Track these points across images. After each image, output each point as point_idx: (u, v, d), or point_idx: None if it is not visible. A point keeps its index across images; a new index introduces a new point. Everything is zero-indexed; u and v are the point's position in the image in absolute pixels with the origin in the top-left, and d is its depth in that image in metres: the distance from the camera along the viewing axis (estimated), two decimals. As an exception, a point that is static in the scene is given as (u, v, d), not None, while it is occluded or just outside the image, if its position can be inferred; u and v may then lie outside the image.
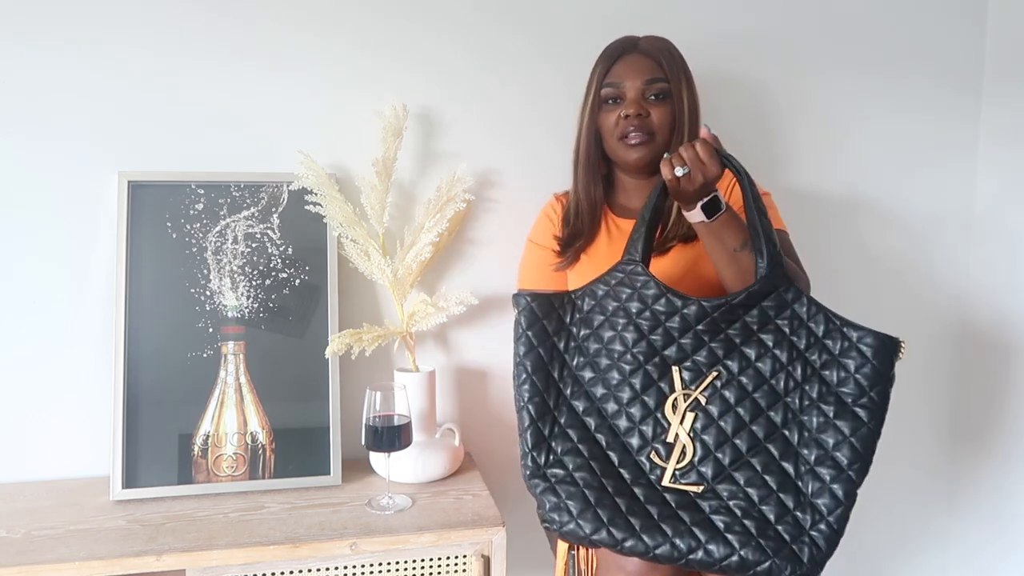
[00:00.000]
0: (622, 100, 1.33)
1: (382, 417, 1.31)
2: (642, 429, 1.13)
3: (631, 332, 1.15)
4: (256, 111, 1.50)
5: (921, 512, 1.91)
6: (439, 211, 1.46)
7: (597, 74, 1.35)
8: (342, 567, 1.23)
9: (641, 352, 1.14)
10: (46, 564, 1.14)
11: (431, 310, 1.45)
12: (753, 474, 1.10)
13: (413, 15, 1.54)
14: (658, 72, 1.32)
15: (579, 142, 1.39)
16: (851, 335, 1.11)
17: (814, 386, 1.11)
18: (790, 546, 1.07)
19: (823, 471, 1.08)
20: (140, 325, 1.41)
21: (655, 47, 1.34)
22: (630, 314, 1.15)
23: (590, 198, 1.40)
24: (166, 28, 1.46)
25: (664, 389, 1.13)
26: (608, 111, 1.34)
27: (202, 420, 1.42)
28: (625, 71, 1.33)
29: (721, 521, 1.08)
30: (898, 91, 1.75)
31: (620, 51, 1.35)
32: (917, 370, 1.85)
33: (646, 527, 1.08)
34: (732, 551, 1.07)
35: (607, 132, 1.35)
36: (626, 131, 1.32)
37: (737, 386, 1.12)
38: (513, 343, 1.17)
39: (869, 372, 1.10)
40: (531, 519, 1.61)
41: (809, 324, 1.12)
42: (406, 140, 1.52)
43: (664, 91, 1.32)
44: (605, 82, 1.34)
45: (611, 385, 1.14)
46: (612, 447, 1.13)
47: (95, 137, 1.45)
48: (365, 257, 1.47)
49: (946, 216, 1.81)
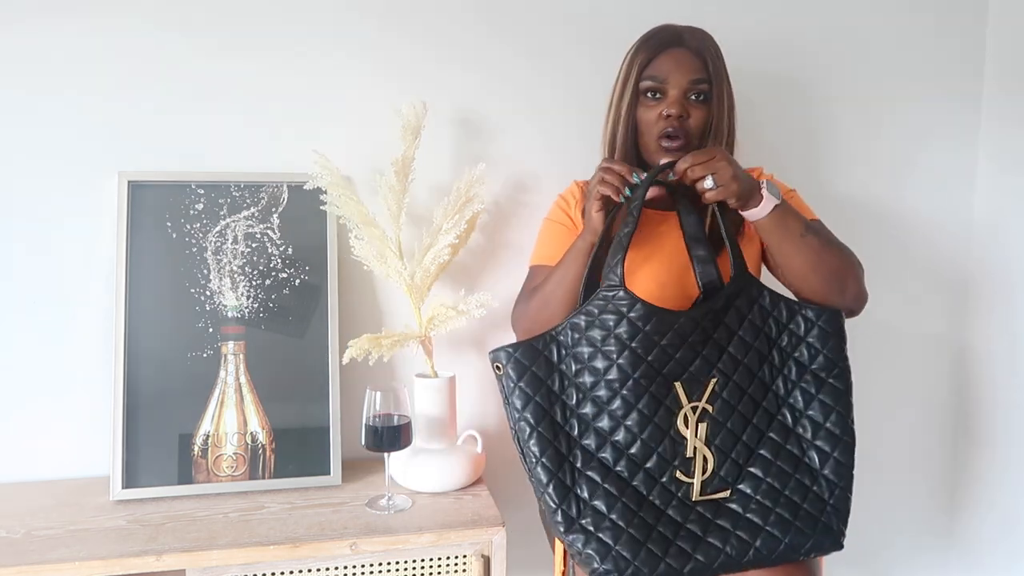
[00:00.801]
0: (663, 96, 1.29)
1: (382, 417, 1.31)
2: (659, 451, 1.12)
3: (627, 357, 1.12)
4: (257, 111, 1.50)
5: (921, 512, 1.91)
6: (457, 212, 1.43)
7: (638, 63, 1.30)
8: (342, 567, 1.23)
9: (643, 376, 1.12)
10: (46, 564, 1.14)
11: (452, 314, 1.42)
12: (768, 464, 1.15)
13: (432, 10, 1.54)
14: (703, 72, 1.29)
15: (613, 130, 1.34)
16: (808, 315, 1.20)
17: (791, 369, 1.19)
18: (820, 520, 1.15)
19: (822, 443, 1.17)
20: (140, 325, 1.41)
21: (702, 44, 1.30)
22: (622, 340, 1.13)
23: None
24: (166, 28, 1.46)
25: (671, 406, 1.13)
26: (648, 106, 1.30)
27: (202, 420, 1.42)
28: (670, 67, 1.28)
29: (758, 517, 1.13)
30: (898, 90, 1.75)
31: (665, 43, 1.30)
32: (918, 370, 1.85)
33: (697, 546, 1.10)
34: (778, 541, 1.12)
35: (645, 127, 1.31)
36: (665, 131, 1.29)
37: (734, 387, 1.16)
38: (505, 402, 1.14)
39: (833, 345, 1.20)
40: (531, 519, 1.62)
41: (773, 313, 1.20)
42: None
43: (706, 92, 1.29)
44: (647, 73, 1.29)
45: (617, 416, 1.12)
46: (635, 477, 1.12)
47: (95, 137, 1.45)
48: (380, 260, 1.43)
49: (946, 218, 1.81)
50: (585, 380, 1.14)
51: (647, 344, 1.13)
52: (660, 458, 1.12)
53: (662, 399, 1.13)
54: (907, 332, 1.84)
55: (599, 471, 1.11)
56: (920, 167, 1.79)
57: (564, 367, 1.14)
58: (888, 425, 1.85)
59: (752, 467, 1.15)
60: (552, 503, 1.10)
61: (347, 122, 1.53)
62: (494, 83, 1.58)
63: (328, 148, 1.47)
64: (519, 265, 1.49)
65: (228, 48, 1.48)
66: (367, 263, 1.44)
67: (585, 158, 1.51)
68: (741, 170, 1.17)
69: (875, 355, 1.81)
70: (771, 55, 1.68)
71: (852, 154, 1.75)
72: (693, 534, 1.11)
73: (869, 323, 1.76)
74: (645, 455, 1.12)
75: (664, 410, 1.12)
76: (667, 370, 1.13)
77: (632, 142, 1.33)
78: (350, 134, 1.53)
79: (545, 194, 1.56)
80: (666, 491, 1.12)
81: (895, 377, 1.84)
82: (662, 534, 1.09)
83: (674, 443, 1.12)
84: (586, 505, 1.10)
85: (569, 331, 1.15)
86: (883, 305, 1.79)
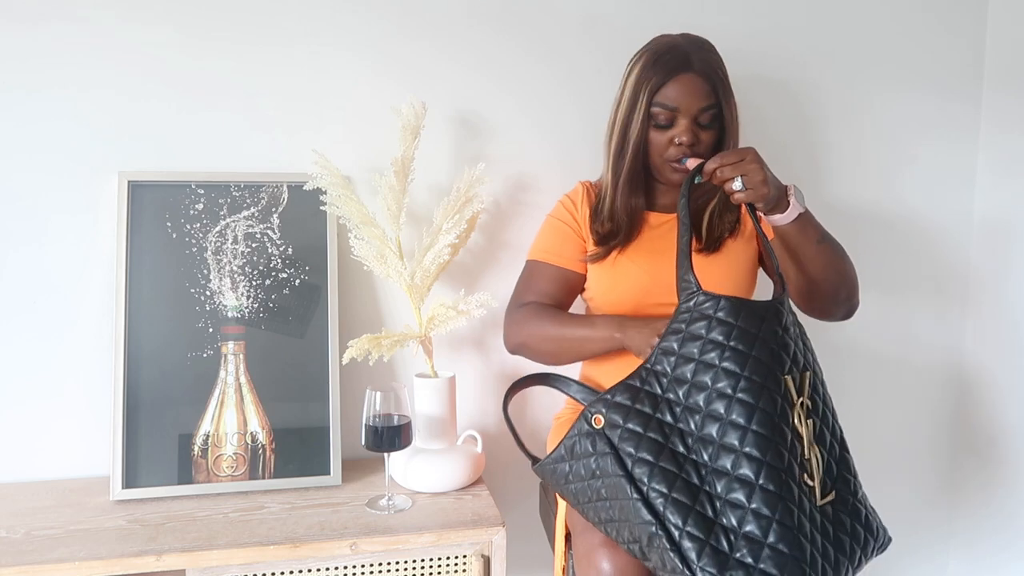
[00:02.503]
0: (673, 123, 1.29)
1: (382, 417, 1.31)
2: (789, 455, 1.01)
3: (731, 358, 1.03)
4: (257, 111, 1.50)
5: (921, 513, 1.91)
6: (457, 212, 1.43)
7: (648, 87, 1.28)
8: (342, 567, 1.23)
9: (753, 372, 1.02)
10: (46, 564, 1.14)
11: (452, 314, 1.42)
12: (843, 463, 1.11)
13: (432, 10, 1.54)
14: (712, 98, 1.29)
15: (621, 148, 1.33)
16: None
17: (813, 355, 1.15)
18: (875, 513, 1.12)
19: (839, 431, 1.13)
20: (140, 325, 1.41)
21: (709, 67, 1.29)
22: (720, 343, 1.03)
23: (629, 207, 1.35)
24: (167, 28, 1.46)
25: (785, 402, 1.03)
26: (658, 132, 1.31)
27: (202, 420, 1.42)
28: (681, 94, 1.28)
29: (863, 515, 1.09)
30: (898, 87, 1.75)
31: (675, 68, 1.28)
32: (918, 371, 1.85)
33: (840, 552, 1.04)
34: (878, 535, 1.11)
35: (655, 151, 1.32)
36: (676, 157, 1.30)
37: (818, 380, 1.12)
38: (604, 456, 1.04)
39: None
40: (531, 519, 1.62)
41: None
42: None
43: (716, 116, 1.30)
44: (657, 100, 1.28)
45: (740, 424, 1.00)
46: (781, 487, 0.99)
47: (95, 137, 1.45)
48: (380, 260, 1.43)
49: (945, 219, 1.81)
50: (697, 399, 1.03)
51: (746, 338, 1.03)
52: (792, 462, 1.01)
53: (776, 394, 1.02)
54: (906, 333, 1.84)
55: (744, 490, 0.99)
56: (920, 167, 1.78)
57: (671, 394, 1.05)
58: (889, 428, 1.85)
59: (838, 466, 1.09)
60: (695, 547, 0.97)
61: (347, 122, 1.53)
62: (494, 83, 1.58)
63: (328, 148, 1.47)
64: (519, 265, 1.49)
65: (228, 48, 1.48)
66: (367, 263, 1.44)
67: (585, 157, 1.51)
68: (772, 174, 1.16)
69: (874, 355, 1.81)
70: (769, 56, 1.68)
71: (850, 155, 1.75)
72: (834, 539, 1.03)
73: (868, 324, 1.77)
74: (781, 459, 1.00)
75: (781, 406, 1.02)
76: (772, 362, 1.04)
77: (641, 161, 1.33)
78: (350, 134, 1.53)
79: (545, 194, 1.56)
80: (802, 499, 1.01)
81: (894, 377, 1.84)
82: (814, 553, 0.99)
83: (795, 443, 1.02)
84: (738, 533, 0.98)
85: (663, 358, 1.07)
86: (882, 306, 1.79)
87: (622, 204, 1.35)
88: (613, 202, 1.36)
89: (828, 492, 1.06)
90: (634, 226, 1.37)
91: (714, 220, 1.36)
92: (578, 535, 1.20)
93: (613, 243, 1.36)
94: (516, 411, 1.64)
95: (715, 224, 1.36)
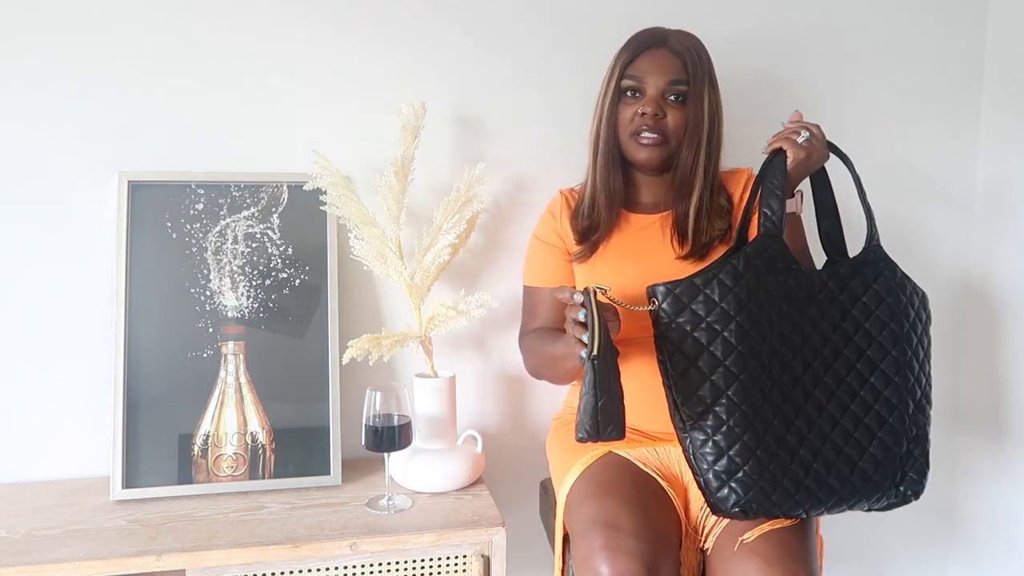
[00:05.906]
0: (641, 95, 1.31)
1: (382, 417, 1.31)
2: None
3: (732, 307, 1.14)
4: (257, 111, 1.50)
5: (922, 513, 1.90)
6: (457, 212, 1.43)
7: (620, 62, 1.32)
8: (342, 567, 1.23)
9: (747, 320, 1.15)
10: (46, 564, 1.14)
11: (452, 314, 1.42)
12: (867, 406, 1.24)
13: (432, 10, 1.54)
14: (682, 73, 1.30)
15: (597, 131, 1.35)
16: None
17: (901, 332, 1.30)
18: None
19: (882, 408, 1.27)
20: (140, 325, 1.41)
21: (683, 45, 1.31)
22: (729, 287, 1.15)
23: (608, 189, 1.35)
24: (166, 28, 1.46)
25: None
26: (626, 104, 1.32)
27: (202, 420, 1.42)
28: (649, 67, 1.30)
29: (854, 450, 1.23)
30: (897, 89, 1.75)
31: (647, 44, 1.32)
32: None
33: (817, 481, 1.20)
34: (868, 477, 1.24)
35: (621, 125, 1.33)
36: (639, 129, 1.30)
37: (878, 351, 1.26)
38: (660, 340, 1.13)
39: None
40: (531, 519, 1.62)
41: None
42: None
43: (684, 94, 1.30)
44: (627, 73, 1.31)
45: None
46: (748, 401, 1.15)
47: (95, 137, 1.45)
48: (380, 260, 1.43)
49: (944, 219, 1.81)
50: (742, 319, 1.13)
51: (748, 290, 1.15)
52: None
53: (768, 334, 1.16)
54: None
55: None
56: (919, 168, 1.78)
57: (725, 305, 1.14)
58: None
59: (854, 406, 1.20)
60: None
61: (347, 122, 1.53)
62: (494, 83, 1.57)
63: (328, 148, 1.46)
64: (519, 265, 1.49)
65: (228, 48, 1.48)
66: (367, 263, 1.44)
67: (585, 157, 1.50)
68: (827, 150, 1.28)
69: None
70: (765, 54, 1.68)
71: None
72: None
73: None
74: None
75: None
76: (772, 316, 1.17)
77: (613, 139, 1.35)
78: (350, 134, 1.53)
79: (545, 194, 1.56)
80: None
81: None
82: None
83: None
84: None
85: (728, 270, 1.15)
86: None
87: (602, 188, 1.36)
88: (593, 189, 1.37)
89: None
90: (613, 216, 1.36)
91: (702, 224, 1.33)
92: (577, 538, 1.19)
93: (594, 237, 1.36)
94: (516, 411, 1.64)
95: (703, 228, 1.33)
